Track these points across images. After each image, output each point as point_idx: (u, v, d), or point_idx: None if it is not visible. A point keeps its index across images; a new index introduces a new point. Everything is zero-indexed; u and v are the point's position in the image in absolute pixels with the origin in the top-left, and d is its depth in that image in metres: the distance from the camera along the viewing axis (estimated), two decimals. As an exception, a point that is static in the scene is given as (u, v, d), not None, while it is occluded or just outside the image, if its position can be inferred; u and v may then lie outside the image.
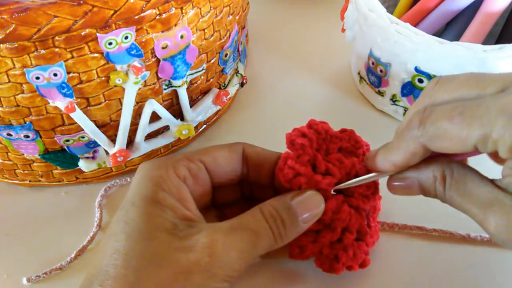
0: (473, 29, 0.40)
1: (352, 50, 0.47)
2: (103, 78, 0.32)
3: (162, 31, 0.32)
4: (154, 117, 0.37)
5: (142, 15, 0.30)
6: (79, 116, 0.33)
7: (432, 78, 0.35)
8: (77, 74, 0.31)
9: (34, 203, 0.38)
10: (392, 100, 0.42)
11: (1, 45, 0.28)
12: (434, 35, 0.37)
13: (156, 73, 0.34)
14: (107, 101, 0.34)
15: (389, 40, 0.38)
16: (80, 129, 0.34)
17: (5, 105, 0.32)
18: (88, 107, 0.33)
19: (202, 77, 0.39)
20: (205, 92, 0.41)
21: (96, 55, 0.30)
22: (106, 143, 0.36)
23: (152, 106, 0.36)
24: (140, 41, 0.32)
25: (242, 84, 0.44)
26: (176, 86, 0.36)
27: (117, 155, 0.36)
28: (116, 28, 0.30)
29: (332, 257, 0.30)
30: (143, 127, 0.36)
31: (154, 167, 0.28)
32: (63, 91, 0.31)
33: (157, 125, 0.38)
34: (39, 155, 0.35)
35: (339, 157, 0.29)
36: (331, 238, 0.29)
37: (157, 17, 0.31)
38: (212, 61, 0.39)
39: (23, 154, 0.36)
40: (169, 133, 0.39)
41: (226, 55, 0.40)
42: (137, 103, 0.35)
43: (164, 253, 0.24)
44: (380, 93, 0.43)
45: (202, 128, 0.43)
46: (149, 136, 0.38)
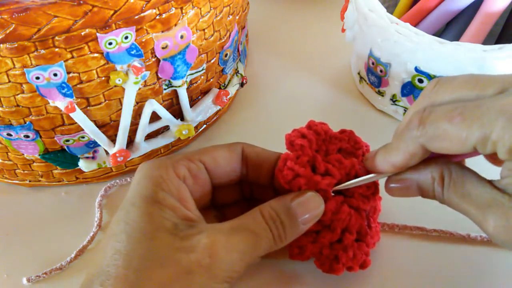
0: (473, 29, 0.39)
1: (352, 50, 0.47)
2: (103, 78, 0.32)
3: (162, 31, 0.32)
4: (154, 117, 0.37)
5: (142, 15, 0.30)
6: (79, 116, 0.33)
7: (432, 79, 0.35)
8: (77, 74, 0.31)
9: (34, 203, 0.38)
10: (392, 100, 0.42)
11: (1, 45, 0.28)
12: (434, 35, 0.37)
13: (156, 73, 0.34)
14: (107, 101, 0.34)
15: (389, 40, 0.38)
16: (80, 129, 0.34)
17: (5, 105, 0.32)
18: (88, 107, 0.33)
19: (202, 77, 0.39)
20: (205, 92, 0.41)
21: (96, 55, 0.30)
22: (106, 143, 0.36)
23: (152, 106, 0.36)
24: (140, 41, 0.32)
25: (242, 84, 0.44)
26: (176, 86, 0.36)
27: (117, 155, 0.36)
28: (116, 28, 0.30)
29: (332, 258, 0.30)
30: (143, 127, 0.36)
31: (154, 167, 0.28)
32: (63, 91, 0.31)
33: (157, 125, 0.38)
34: (39, 155, 0.35)
35: (339, 158, 0.29)
36: (331, 239, 0.29)
37: (157, 17, 0.31)
38: (212, 61, 0.39)
39: (23, 154, 0.36)
40: (169, 133, 0.39)
41: (226, 55, 0.40)
42: (137, 103, 0.35)
43: (165, 253, 0.25)
44: (380, 93, 0.42)
45: (202, 128, 0.43)
46: (149, 136, 0.38)
